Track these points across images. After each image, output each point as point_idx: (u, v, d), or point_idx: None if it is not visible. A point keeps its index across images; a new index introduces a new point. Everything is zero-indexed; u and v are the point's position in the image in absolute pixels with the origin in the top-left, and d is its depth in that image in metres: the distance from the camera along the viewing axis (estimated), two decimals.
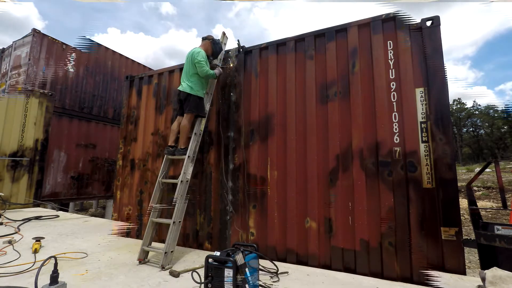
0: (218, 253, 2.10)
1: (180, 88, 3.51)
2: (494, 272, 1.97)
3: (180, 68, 4.29)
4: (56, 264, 1.99)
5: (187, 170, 3.23)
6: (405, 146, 2.72)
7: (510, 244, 2.26)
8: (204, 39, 3.74)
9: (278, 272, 2.55)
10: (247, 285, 1.98)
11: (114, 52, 9.42)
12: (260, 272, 2.41)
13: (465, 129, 42.63)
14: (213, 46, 3.69)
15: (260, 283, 2.27)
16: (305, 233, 3.03)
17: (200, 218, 3.74)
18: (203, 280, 2.11)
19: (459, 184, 3.73)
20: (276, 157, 3.32)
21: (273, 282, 2.40)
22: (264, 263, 2.70)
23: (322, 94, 3.18)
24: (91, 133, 8.42)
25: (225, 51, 3.94)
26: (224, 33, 3.96)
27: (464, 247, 2.45)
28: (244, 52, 3.78)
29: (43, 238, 3.34)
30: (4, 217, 4.60)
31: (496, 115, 37.11)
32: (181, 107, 3.56)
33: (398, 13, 2.92)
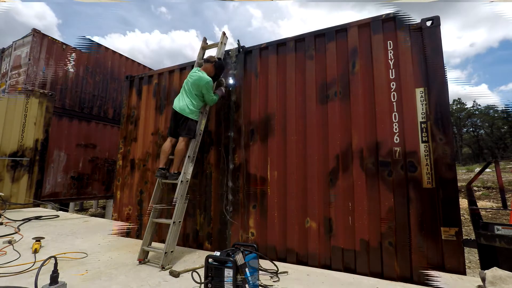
0: (218, 253, 2.10)
1: (178, 109, 3.35)
2: (494, 272, 1.97)
3: (180, 68, 4.30)
4: (56, 264, 1.99)
5: (187, 170, 3.23)
6: (405, 146, 2.72)
7: (510, 244, 2.27)
8: (206, 61, 3.55)
9: (278, 272, 2.55)
10: (247, 285, 1.98)
11: (114, 52, 9.43)
12: (260, 272, 2.41)
13: (465, 129, 42.58)
14: (215, 70, 3.50)
15: (260, 283, 2.27)
16: (305, 233, 3.03)
17: (200, 218, 3.74)
18: (203, 280, 2.11)
19: (459, 184, 3.74)
20: (276, 157, 3.31)
21: (273, 282, 2.40)
22: (264, 263, 2.70)
23: (322, 94, 3.18)
24: (91, 133, 8.43)
25: (225, 51, 3.93)
26: (224, 33, 3.96)
27: (464, 247, 2.46)
28: (244, 52, 3.78)
29: (43, 238, 3.34)
30: (4, 217, 4.60)
31: (496, 115, 37.07)
32: (175, 126, 3.42)
33: (398, 13, 2.92)
